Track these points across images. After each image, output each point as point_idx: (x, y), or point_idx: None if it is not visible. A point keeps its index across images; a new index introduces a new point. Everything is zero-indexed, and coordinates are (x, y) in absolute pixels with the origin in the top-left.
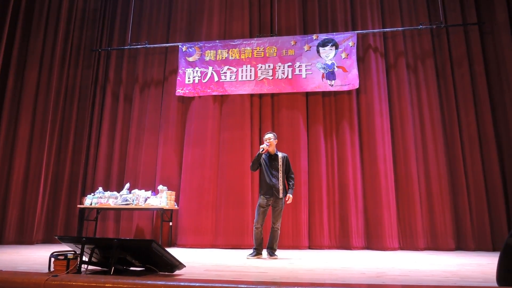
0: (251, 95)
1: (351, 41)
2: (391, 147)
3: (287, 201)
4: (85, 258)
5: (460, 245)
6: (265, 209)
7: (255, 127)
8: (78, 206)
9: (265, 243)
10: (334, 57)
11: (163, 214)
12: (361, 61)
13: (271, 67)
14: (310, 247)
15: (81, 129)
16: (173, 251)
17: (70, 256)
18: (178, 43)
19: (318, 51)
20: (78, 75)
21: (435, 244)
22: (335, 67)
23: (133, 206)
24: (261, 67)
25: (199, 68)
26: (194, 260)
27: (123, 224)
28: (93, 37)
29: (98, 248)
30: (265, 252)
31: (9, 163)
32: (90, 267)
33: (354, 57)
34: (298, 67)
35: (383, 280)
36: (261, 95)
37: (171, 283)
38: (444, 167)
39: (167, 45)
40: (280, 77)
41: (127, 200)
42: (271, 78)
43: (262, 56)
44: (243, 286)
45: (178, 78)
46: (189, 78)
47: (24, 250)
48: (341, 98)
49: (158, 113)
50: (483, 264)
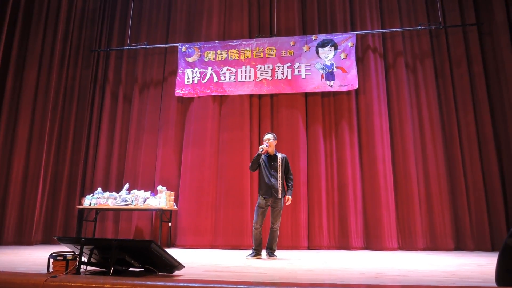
0: (251, 95)
1: (350, 42)
2: (390, 147)
3: (286, 202)
4: (84, 259)
5: (459, 245)
6: (264, 209)
7: (254, 128)
8: (77, 206)
9: (265, 244)
10: (333, 57)
11: (162, 215)
12: (360, 61)
13: (271, 67)
14: (309, 248)
15: (80, 129)
16: (172, 251)
17: (69, 256)
18: (178, 44)
19: (317, 52)
20: (77, 75)
21: (434, 244)
22: (334, 67)
23: (132, 207)
24: (260, 67)
25: (198, 69)
26: (193, 260)
27: (122, 225)
28: (92, 37)
29: (97, 248)
30: (264, 253)
31: (8, 163)
32: (89, 267)
33: (353, 57)
34: (297, 67)
35: (382, 280)
36: (261, 96)
37: (170, 284)
38: (443, 167)
39: (166, 45)
40: (279, 78)
41: (126, 201)
42: (270, 78)
43: (262, 56)
44: (242, 287)
45: (178, 79)
46: (188, 78)
47: (23, 251)
48: (340, 98)
49: (158, 114)
50: (482, 264)
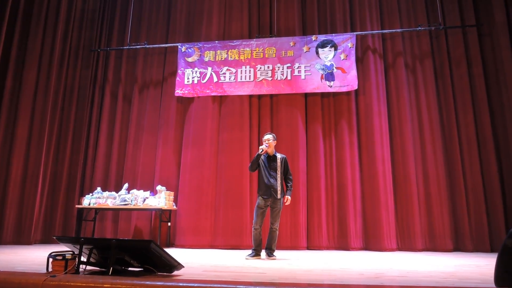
0: (250, 95)
1: (350, 42)
2: (389, 148)
3: (285, 202)
4: (83, 259)
5: (458, 246)
6: (264, 210)
7: (254, 128)
8: (77, 206)
9: (264, 244)
10: (333, 58)
11: (162, 215)
12: (360, 62)
13: (270, 68)
14: (308, 248)
15: (80, 129)
16: (172, 251)
17: (68, 256)
18: (177, 44)
19: (317, 52)
20: (77, 75)
21: (433, 245)
22: (334, 68)
23: (131, 207)
24: (260, 68)
25: (198, 69)
26: (192, 260)
27: (122, 225)
28: (92, 37)
29: (96, 248)
30: (263, 253)
31: (7, 163)
32: (88, 267)
33: (353, 58)
34: (297, 68)
35: (381, 281)
36: (260, 96)
37: (169, 284)
38: (442, 168)
39: (166, 45)
40: (279, 78)
41: (125, 201)
42: (270, 79)
43: (261, 57)
44: (241, 287)
45: (177, 79)
46: (188, 78)
47: (22, 250)
48: (339, 99)
49: (157, 114)
50: (481, 265)
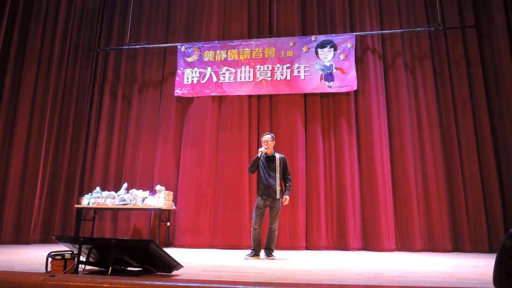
0: (250, 96)
1: (349, 43)
2: (388, 148)
3: (283, 202)
4: (82, 258)
5: (457, 246)
6: (263, 210)
7: (253, 128)
8: (76, 206)
9: (263, 244)
10: (332, 58)
11: (161, 214)
12: (359, 62)
13: (270, 68)
14: (307, 248)
15: (79, 129)
16: (171, 251)
17: (68, 256)
18: (177, 44)
19: (316, 53)
20: (76, 74)
21: (432, 246)
22: (333, 68)
23: (130, 206)
24: (259, 68)
25: (197, 69)
26: (191, 260)
27: (121, 224)
28: (92, 36)
29: (95, 248)
30: (262, 253)
31: (6, 163)
32: (88, 267)
33: (352, 58)
34: (297, 68)
35: (380, 281)
36: (260, 96)
37: (168, 284)
38: (441, 168)
39: (166, 45)
40: (278, 78)
41: (124, 200)
42: (269, 79)
43: (261, 57)
44: (241, 287)
45: (177, 79)
46: (187, 78)
47: (21, 250)
48: (339, 99)
49: (157, 113)
50: (479, 266)
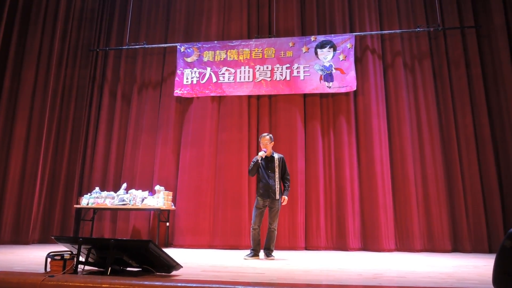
0: (249, 96)
1: (349, 43)
2: (388, 148)
3: (282, 202)
4: (81, 259)
5: (457, 247)
6: (262, 210)
7: (252, 128)
8: (75, 206)
9: (262, 244)
10: (332, 58)
11: (160, 215)
12: (359, 62)
13: (269, 68)
14: (306, 248)
15: (78, 129)
16: (170, 251)
17: (67, 256)
18: (177, 44)
19: (316, 53)
20: (76, 74)
21: (431, 246)
22: (333, 69)
23: (130, 206)
24: (259, 68)
25: (197, 69)
26: (191, 260)
27: (120, 225)
28: (91, 36)
29: (95, 248)
30: (262, 253)
31: (5, 162)
32: (87, 267)
33: (352, 59)
34: (296, 68)
35: (380, 281)
36: (259, 96)
37: (168, 284)
38: (441, 169)
39: (165, 45)
40: (278, 79)
41: (124, 200)
42: (269, 79)
43: (261, 57)
44: (240, 287)
45: (176, 79)
46: (187, 78)
47: (20, 250)
48: (338, 99)
49: (156, 114)
50: (479, 266)
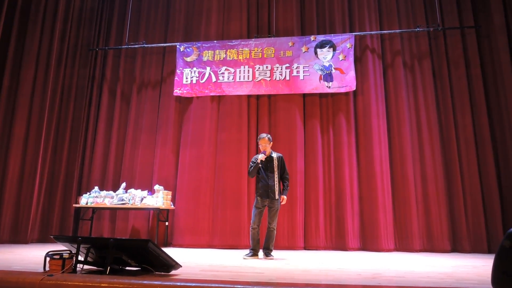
0: (249, 95)
1: (348, 43)
2: (387, 148)
3: (281, 202)
4: (80, 258)
5: (456, 247)
6: (261, 209)
7: (252, 128)
8: (74, 205)
9: (262, 244)
10: (331, 58)
11: (159, 214)
12: (359, 61)
13: (269, 68)
14: (305, 248)
15: (77, 128)
16: (169, 251)
17: (66, 255)
18: (176, 43)
19: (315, 53)
20: (75, 74)
21: (430, 246)
22: (332, 68)
23: (129, 206)
24: (259, 68)
25: (197, 69)
26: (190, 260)
27: (119, 224)
28: (90, 36)
29: (94, 247)
30: (261, 253)
31: (4, 162)
32: (86, 266)
33: (351, 58)
34: (296, 68)
35: (379, 281)
36: (259, 96)
37: (167, 283)
38: (440, 169)
39: (165, 45)
40: (277, 78)
41: (123, 200)
42: (268, 79)
43: (260, 57)
44: (239, 287)
45: (176, 78)
46: (186, 78)
47: (19, 249)
48: (338, 98)
49: (156, 113)
50: (478, 266)
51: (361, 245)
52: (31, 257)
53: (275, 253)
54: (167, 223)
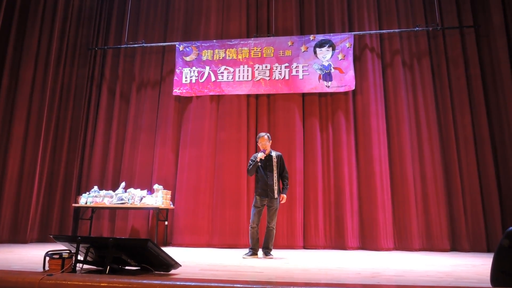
0: (248, 95)
1: (348, 42)
2: (386, 148)
3: (281, 201)
4: (80, 257)
5: (455, 246)
6: (261, 209)
7: (251, 128)
8: (73, 205)
9: (261, 243)
10: (331, 58)
11: (159, 214)
12: (358, 61)
13: (268, 67)
14: (305, 247)
15: (77, 128)
16: (169, 250)
17: (65, 255)
18: (175, 43)
19: (315, 52)
20: (74, 73)
21: (430, 245)
22: (331, 68)
23: (128, 205)
24: (258, 67)
25: (196, 68)
26: (189, 259)
27: (118, 224)
28: (89, 35)
29: (93, 247)
30: (260, 252)
31: (3, 161)
32: (85, 266)
33: (350, 58)
34: (295, 67)
35: (378, 280)
36: (258, 95)
37: (166, 283)
38: (439, 168)
39: (164, 44)
40: (277, 78)
41: (122, 199)
42: (268, 78)
43: (259, 56)
44: (238, 286)
45: (175, 78)
46: (186, 77)
47: (19, 249)
48: (337, 98)
49: (155, 113)
50: (477, 265)
51: (360, 244)
52: (30, 256)
53: (274, 252)
54: (166, 223)
